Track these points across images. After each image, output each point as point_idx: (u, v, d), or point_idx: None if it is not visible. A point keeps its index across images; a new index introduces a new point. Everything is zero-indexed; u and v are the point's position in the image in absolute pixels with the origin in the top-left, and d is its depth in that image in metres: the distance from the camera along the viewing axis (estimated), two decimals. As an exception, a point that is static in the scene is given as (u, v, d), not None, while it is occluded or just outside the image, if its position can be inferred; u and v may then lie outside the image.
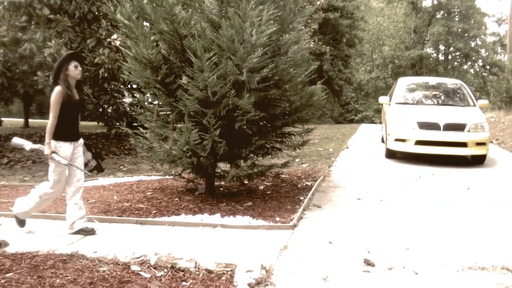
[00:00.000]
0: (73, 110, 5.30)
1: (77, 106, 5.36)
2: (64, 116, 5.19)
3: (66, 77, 5.22)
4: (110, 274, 4.13)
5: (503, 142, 14.66)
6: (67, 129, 5.27)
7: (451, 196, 7.49)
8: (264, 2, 6.39)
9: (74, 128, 5.37)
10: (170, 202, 6.78)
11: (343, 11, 34.52)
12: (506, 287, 4.15)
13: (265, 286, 4.05)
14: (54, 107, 5.13)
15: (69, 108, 5.23)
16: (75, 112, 5.36)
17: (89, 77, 12.50)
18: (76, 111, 5.39)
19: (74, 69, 5.24)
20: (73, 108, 5.30)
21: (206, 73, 5.89)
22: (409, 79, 13.71)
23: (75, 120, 5.36)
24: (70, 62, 5.23)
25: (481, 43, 50.00)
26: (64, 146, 5.22)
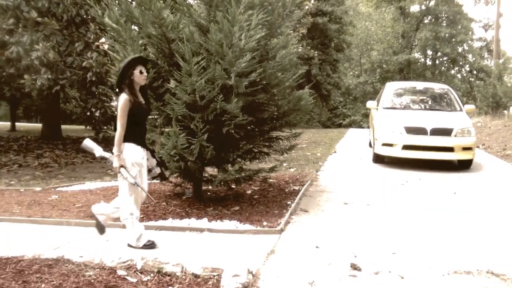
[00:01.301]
0: (142, 116, 5.05)
1: (144, 112, 5.09)
2: (134, 123, 4.87)
3: (132, 82, 4.91)
4: (96, 278, 4.11)
5: (489, 147, 14.77)
6: (138, 136, 4.98)
7: (438, 201, 7.53)
8: (253, 6, 6.40)
9: (144, 135, 5.13)
10: (157, 206, 6.75)
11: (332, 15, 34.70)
12: (491, 291, 4.19)
13: (252, 290, 4.05)
14: (121, 116, 4.78)
15: (137, 115, 4.93)
16: (144, 119, 5.13)
17: (77, 80, 12.45)
18: (145, 117, 5.19)
19: (140, 75, 4.92)
20: (142, 114, 5.05)
21: (194, 77, 5.89)
22: (397, 84, 13.78)
23: (144, 126, 5.15)
24: (136, 67, 4.90)
25: (468, 49, 50.42)
26: (137, 150, 4.92)
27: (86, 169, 11.82)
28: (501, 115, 25.71)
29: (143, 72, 4.93)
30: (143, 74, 4.94)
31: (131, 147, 4.86)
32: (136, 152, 4.89)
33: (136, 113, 4.88)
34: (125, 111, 4.78)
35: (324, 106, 39.28)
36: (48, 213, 6.33)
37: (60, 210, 6.54)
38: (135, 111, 4.85)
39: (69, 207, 6.71)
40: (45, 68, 11.40)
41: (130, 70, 4.87)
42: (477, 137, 12.93)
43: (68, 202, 6.99)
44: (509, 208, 7.13)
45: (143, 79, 4.96)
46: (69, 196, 7.48)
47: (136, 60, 4.97)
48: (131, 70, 4.87)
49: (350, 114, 42.91)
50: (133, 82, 4.90)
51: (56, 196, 7.47)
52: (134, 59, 4.97)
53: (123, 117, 4.78)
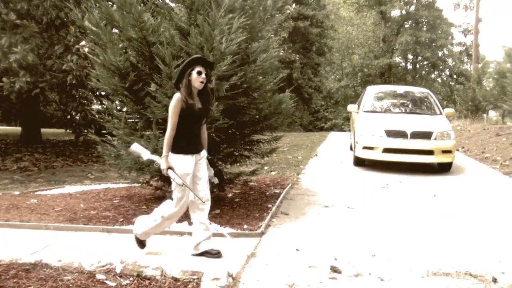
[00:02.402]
0: (194, 120, 4.77)
1: (199, 115, 4.80)
2: (184, 126, 4.69)
3: (189, 83, 4.67)
4: (74, 283, 4.07)
5: (468, 150, 14.93)
6: (188, 140, 4.78)
7: (418, 203, 7.59)
8: (234, 10, 6.42)
9: (195, 139, 4.87)
10: (138, 210, 6.72)
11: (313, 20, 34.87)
12: (469, 293, 4.23)
13: (232, 294, 4.05)
14: (172, 116, 4.62)
15: (190, 118, 4.69)
16: (196, 122, 4.83)
17: (57, 83, 12.35)
18: (198, 121, 4.86)
19: (197, 76, 4.64)
20: (194, 118, 4.76)
21: (174, 81, 5.87)
22: (377, 88, 13.88)
23: (196, 131, 4.87)
24: (194, 67, 4.65)
25: (448, 53, 50.94)
26: (185, 160, 4.71)
27: (66, 172, 11.71)
28: (480, 118, 26.04)
29: (201, 73, 4.66)
30: (201, 76, 4.66)
31: (177, 159, 4.69)
32: (183, 163, 4.70)
33: (187, 116, 4.67)
34: (175, 111, 4.62)
35: (305, 109, 39.40)
36: (27, 217, 6.26)
37: (39, 214, 6.47)
38: (186, 113, 4.65)
39: (48, 211, 6.64)
40: (24, 71, 11.29)
41: (188, 70, 4.66)
42: (457, 140, 13.05)
43: (47, 206, 6.92)
44: (488, 211, 7.20)
45: (200, 82, 4.67)
46: (48, 200, 7.41)
47: (196, 60, 4.75)
48: (189, 70, 4.66)
49: (332, 118, 43.07)
50: (191, 83, 4.67)
51: (35, 200, 7.40)
52: (194, 59, 4.75)
53: (173, 117, 4.62)
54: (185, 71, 4.67)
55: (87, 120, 13.21)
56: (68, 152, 14.66)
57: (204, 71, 4.68)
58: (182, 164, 4.67)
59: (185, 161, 4.70)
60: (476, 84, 29.70)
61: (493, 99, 25.00)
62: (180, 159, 4.68)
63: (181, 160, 4.68)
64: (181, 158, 4.69)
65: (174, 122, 4.63)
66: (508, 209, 7.33)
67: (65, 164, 13.46)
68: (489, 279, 4.52)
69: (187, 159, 4.72)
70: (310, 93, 36.80)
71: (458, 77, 48.34)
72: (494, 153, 13.39)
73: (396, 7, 47.96)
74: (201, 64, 4.70)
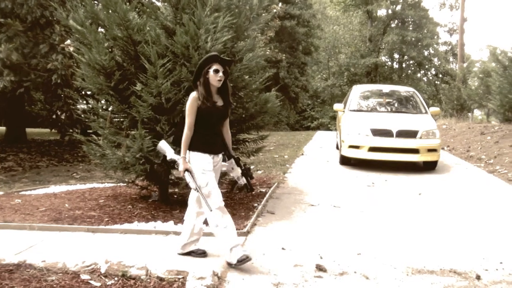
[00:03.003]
0: (213, 118, 4.67)
1: (219, 113, 4.70)
2: (203, 125, 4.62)
3: (206, 81, 4.57)
4: (58, 283, 4.06)
5: (454, 148, 15.02)
6: (206, 139, 4.64)
7: (403, 202, 7.63)
8: (220, 9, 6.42)
9: (215, 139, 4.73)
10: (123, 209, 6.70)
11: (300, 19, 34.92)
12: (453, 291, 4.27)
13: (217, 293, 4.05)
14: (188, 115, 4.57)
15: (208, 116, 4.60)
16: (216, 121, 4.72)
17: (42, 83, 12.26)
18: (218, 120, 4.74)
19: (214, 75, 4.53)
20: (213, 116, 4.65)
21: (160, 80, 5.86)
22: (363, 87, 13.91)
23: (216, 130, 4.76)
24: (212, 65, 4.55)
25: (434, 52, 51.23)
26: (204, 158, 4.60)
27: (51, 172, 11.64)
28: (465, 117, 26.21)
29: (218, 71, 4.54)
30: (218, 75, 4.54)
31: (197, 156, 4.60)
32: (203, 160, 4.59)
33: (205, 115, 4.58)
34: (190, 110, 4.56)
35: (292, 108, 39.47)
36: (11, 217, 6.21)
37: (23, 214, 6.42)
38: (204, 112, 4.56)
39: (32, 211, 6.59)
40: (8, 70, 11.21)
41: (205, 68, 4.56)
42: (442, 139, 13.14)
43: (32, 206, 6.87)
44: (472, 209, 7.25)
45: (218, 80, 4.56)
46: (32, 200, 7.35)
47: (212, 58, 4.61)
48: (206, 68, 4.56)
49: (318, 117, 43.20)
50: (208, 81, 4.57)
51: (19, 200, 7.34)
52: (211, 57, 4.61)
53: (189, 116, 4.56)
54: (202, 69, 4.58)
55: (72, 119, 13.13)
56: (53, 152, 14.57)
57: (222, 69, 4.57)
58: (201, 161, 4.59)
59: (204, 159, 4.59)
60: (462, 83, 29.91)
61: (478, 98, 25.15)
62: (198, 157, 4.59)
63: (200, 157, 4.59)
64: (200, 156, 4.59)
65: (190, 122, 4.57)
66: (492, 207, 7.39)
67: (50, 164, 13.37)
68: (473, 276, 4.56)
69: (205, 158, 4.60)
70: (297, 92, 36.85)
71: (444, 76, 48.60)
72: (479, 151, 13.49)
73: (383, 6, 48.13)
74: (218, 62, 4.58)
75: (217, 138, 4.76)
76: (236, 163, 4.81)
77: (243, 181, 4.83)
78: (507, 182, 9.40)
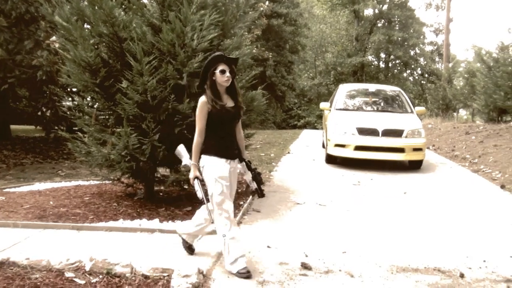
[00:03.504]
0: (225, 121, 4.44)
1: (231, 115, 4.46)
2: (216, 129, 4.42)
3: (213, 83, 4.37)
4: (42, 281, 4.03)
5: (439, 148, 15.12)
6: (221, 144, 4.43)
7: (388, 201, 7.67)
8: (206, 6, 6.41)
9: (229, 142, 4.51)
10: (108, 207, 6.66)
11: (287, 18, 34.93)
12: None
13: (202, 291, 4.05)
14: (198, 121, 4.38)
15: (220, 119, 4.38)
16: (228, 123, 4.50)
17: (27, 79, 12.16)
18: (231, 122, 4.51)
19: (220, 75, 4.32)
20: (226, 118, 4.42)
21: (145, 77, 5.84)
22: (350, 86, 13.96)
23: (230, 132, 4.54)
24: (217, 66, 4.34)
25: (420, 52, 51.49)
26: (218, 163, 4.38)
27: (36, 169, 11.54)
28: (450, 117, 26.36)
29: (225, 72, 4.33)
30: (225, 75, 4.33)
31: (211, 161, 4.39)
32: (218, 166, 4.37)
33: (216, 119, 4.37)
34: (201, 115, 4.36)
35: (278, 107, 39.49)
36: (-6, 215, 6.17)
37: (7, 211, 6.37)
38: (215, 116, 4.35)
39: (16, 208, 6.54)
40: (-8, 66, 11.11)
41: (211, 70, 4.35)
42: (428, 139, 13.23)
43: (16, 204, 6.82)
44: (457, 208, 7.31)
45: (225, 81, 4.35)
46: (16, 197, 7.29)
47: (217, 58, 4.39)
48: (212, 69, 4.35)
49: (305, 116, 43.24)
50: (216, 83, 4.37)
51: (3, 198, 7.28)
52: (216, 57, 4.39)
53: (199, 122, 4.37)
54: (207, 71, 4.37)
55: (58, 116, 13.02)
56: (38, 149, 14.45)
57: (228, 68, 4.35)
58: (215, 167, 4.37)
59: (218, 164, 4.38)
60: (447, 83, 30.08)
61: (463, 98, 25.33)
62: (213, 162, 4.38)
63: (214, 162, 4.38)
64: (214, 161, 4.38)
65: (200, 127, 4.38)
66: (476, 206, 7.45)
67: (35, 161, 13.26)
68: (456, 275, 4.60)
69: (221, 163, 4.39)
70: (284, 90, 36.87)
71: (430, 76, 48.90)
72: (464, 151, 13.60)
73: (369, 6, 48.27)
74: (223, 62, 4.36)
75: (232, 141, 4.56)
76: (247, 167, 4.62)
77: (254, 186, 4.62)
78: (491, 181, 9.49)
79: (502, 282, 4.49)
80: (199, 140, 4.39)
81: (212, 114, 4.34)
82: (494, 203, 7.66)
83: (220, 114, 4.35)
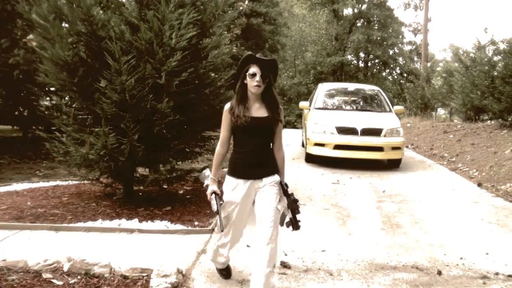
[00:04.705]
0: (249, 133, 3.75)
1: (257, 128, 3.74)
2: (239, 142, 3.83)
3: (242, 87, 3.77)
4: (19, 283, 3.99)
5: (417, 146, 15.27)
6: (240, 160, 3.81)
7: (367, 199, 7.72)
8: (184, 5, 6.40)
9: (252, 159, 3.77)
10: (87, 207, 6.62)
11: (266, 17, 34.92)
12: (416, 285, 4.34)
13: (182, 290, 4.04)
14: (221, 130, 3.86)
15: (244, 132, 3.74)
16: (253, 138, 3.77)
17: (3, 78, 12.00)
18: (257, 136, 3.77)
19: (250, 79, 3.68)
20: (251, 131, 3.73)
21: (124, 76, 5.81)
22: (329, 85, 14.01)
23: (256, 148, 3.79)
24: (249, 68, 3.71)
25: (399, 52, 51.87)
26: (232, 184, 3.83)
27: (13, 170, 11.40)
28: (429, 116, 26.62)
29: (255, 75, 3.65)
30: (255, 79, 3.65)
31: (226, 181, 3.89)
32: (229, 188, 3.86)
33: (240, 130, 3.74)
34: (224, 124, 3.81)
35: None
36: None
37: (-16, 212, 6.30)
38: (236, 125, 3.74)
39: (-7, 209, 6.47)
40: (-33, 64, 10.95)
41: (243, 72, 3.75)
42: (407, 137, 13.33)
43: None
44: (435, 206, 7.38)
45: (255, 86, 3.67)
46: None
47: (248, 59, 3.76)
48: (243, 72, 3.74)
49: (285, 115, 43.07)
50: (245, 88, 3.75)
51: (-20, 198, 7.19)
52: (246, 57, 3.76)
53: (222, 131, 3.85)
54: (240, 73, 3.79)
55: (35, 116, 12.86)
56: (16, 149, 14.25)
57: (260, 72, 3.66)
58: (227, 188, 3.87)
59: (231, 185, 3.85)
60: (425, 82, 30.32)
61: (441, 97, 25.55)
62: (227, 182, 3.89)
63: (228, 183, 3.87)
64: (228, 182, 3.87)
65: (222, 137, 3.87)
66: (454, 204, 7.52)
67: (12, 161, 13.09)
68: (434, 272, 4.67)
69: (234, 184, 3.83)
70: (264, 90, 36.86)
71: (408, 75, 49.23)
72: (442, 149, 13.74)
73: (348, 5, 48.47)
74: (255, 63, 3.71)
75: (258, 158, 3.80)
76: (283, 192, 3.87)
77: (289, 215, 3.85)
78: (468, 179, 9.60)
79: (478, 278, 4.56)
80: (220, 151, 3.90)
81: (234, 124, 3.75)
82: (472, 201, 7.75)
83: (245, 125, 3.68)
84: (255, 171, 3.78)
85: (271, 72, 3.78)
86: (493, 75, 15.70)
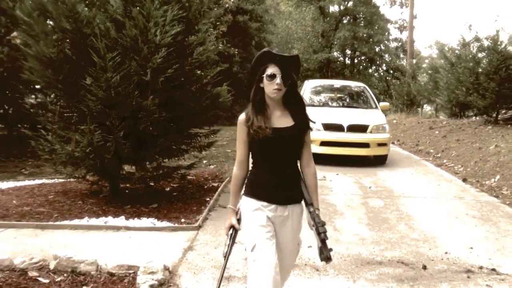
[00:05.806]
0: (269, 149, 2.93)
1: (280, 141, 2.91)
2: (257, 159, 3.02)
3: (259, 93, 3.00)
4: (5, 281, 3.97)
5: (403, 142, 15.35)
6: (259, 180, 2.99)
7: (353, 195, 7.76)
8: (169, 2, 6.38)
9: (275, 178, 2.96)
10: (73, 205, 6.59)
11: (252, 14, 34.84)
12: (401, 280, 4.38)
13: (168, 287, 4.05)
14: (237, 146, 3.06)
15: (263, 146, 2.93)
16: (276, 153, 2.94)
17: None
18: (279, 151, 2.94)
19: (269, 82, 2.89)
20: (269, 146, 2.92)
21: (109, 73, 5.78)
22: (315, 82, 14.05)
23: (279, 166, 2.98)
24: (266, 69, 2.91)
25: (385, 48, 52.04)
26: (253, 206, 2.94)
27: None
28: (415, 112, 26.78)
29: (274, 77, 2.87)
30: (275, 81, 2.87)
31: (246, 204, 2.99)
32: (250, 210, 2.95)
33: (258, 143, 2.93)
34: (240, 140, 3.02)
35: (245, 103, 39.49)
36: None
37: (-31, 211, 6.25)
38: (253, 138, 2.93)
39: (-22, 208, 6.43)
40: (-50, 62, 10.84)
41: (258, 73, 2.97)
42: (392, 134, 13.39)
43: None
44: (421, 201, 7.44)
45: (275, 90, 2.89)
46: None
47: (265, 56, 2.96)
48: (259, 73, 2.96)
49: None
50: (263, 93, 2.97)
51: (-35, 197, 7.14)
52: (262, 54, 2.98)
53: (238, 148, 3.06)
54: (254, 74, 3.00)
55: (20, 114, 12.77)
56: (1, 148, 14.16)
57: (280, 73, 2.87)
58: (246, 210, 2.98)
59: (249, 207, 2.96)
60: (411, 79, 30.43)
61: (427, 93, 25.64)
62: (247, 204, 2.99)
63: (249, 206, 2.97)
64: (249, 204, 2.97)
65: (239, 156, 3.05)
66: (439, 200, 7.59)
67: (-3, 159, 13.02)
68: (419, 267, 4.72)
69: (252, 205, 2.95)
70: (251, 87, 36.88)
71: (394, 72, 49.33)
72: (428, 145, 13.84)
73: (335, 2, 48.59)
74: (273, 62, 2.92)
75: (283, 177, 3.00)
76: (312, 217, 3.06)
77: (319, 243, 3.02)
78: (453, 175, 9.68)
79: (463, 272, 4.61)
80: (238, 173, 3.07)
81: (252, 136, 2.94)
82: (457, 196, 7.81)
83: (264, 137, 2.89)
84: (279, 194, 2.97)
85: (294, 71, 3.00)
86: (478, 71, 15.81)
